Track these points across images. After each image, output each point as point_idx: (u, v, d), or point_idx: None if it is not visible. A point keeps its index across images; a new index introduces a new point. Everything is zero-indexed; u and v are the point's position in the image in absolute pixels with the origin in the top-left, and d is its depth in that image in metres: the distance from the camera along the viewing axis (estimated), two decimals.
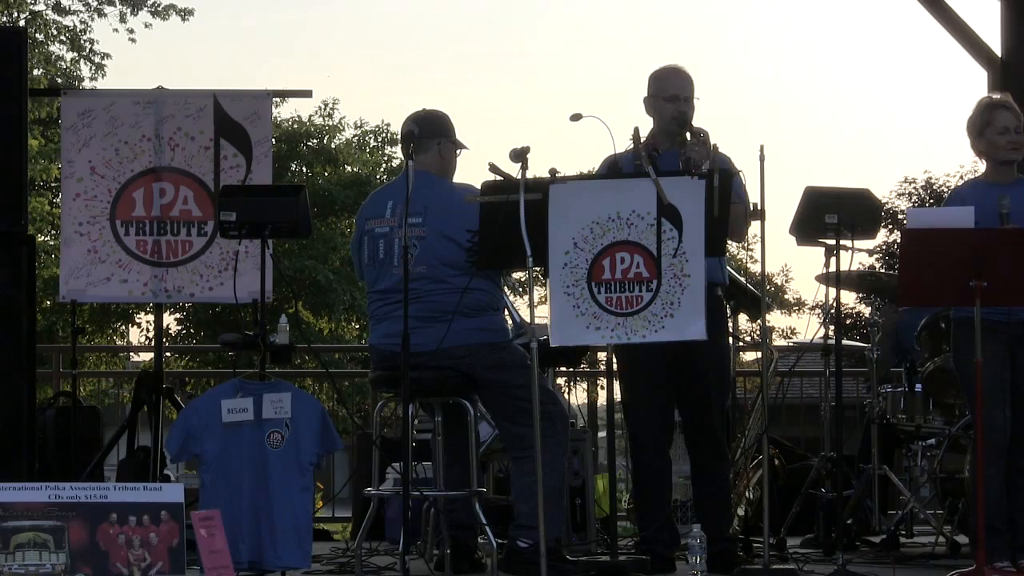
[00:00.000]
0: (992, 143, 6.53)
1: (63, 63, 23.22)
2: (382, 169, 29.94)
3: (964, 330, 6.29)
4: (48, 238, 22.92)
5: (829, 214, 6.45)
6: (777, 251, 53.35)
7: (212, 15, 51.48)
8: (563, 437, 6.38)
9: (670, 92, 6.64)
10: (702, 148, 6.35)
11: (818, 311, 8.07)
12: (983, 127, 6.54)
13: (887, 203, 30.68)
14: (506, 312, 6.74)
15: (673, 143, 6.59)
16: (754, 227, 6.58)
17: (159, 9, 22.38)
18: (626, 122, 6.38)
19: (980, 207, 6.28)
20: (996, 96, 6.70)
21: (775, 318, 40.00)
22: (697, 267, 5.93)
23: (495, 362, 6.34)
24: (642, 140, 6.31)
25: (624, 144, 6.46)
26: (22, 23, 21.50)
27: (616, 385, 6.52)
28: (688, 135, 6.50)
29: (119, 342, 27.17)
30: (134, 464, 7.81)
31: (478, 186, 6.33)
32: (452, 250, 6.32)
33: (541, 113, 56.42)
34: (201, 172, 7.84)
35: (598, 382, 11.80)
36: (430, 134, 6.47)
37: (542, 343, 5.97)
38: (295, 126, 29.89)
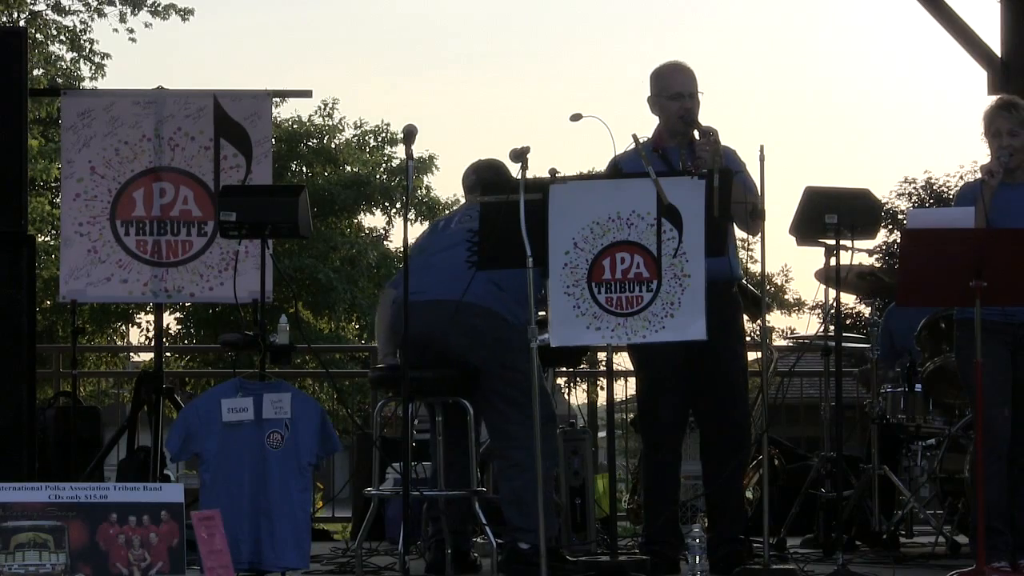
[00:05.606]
0: (989, 146, 6.56)
1: (63, 63, 23.20)
2: (382, 169, 29.88)
3: (966, 330, 6.29)
4: (48, 238, 22.89)
5: (829, 214, 6.44)
6: (777, 251, 53.31)
7: (212, 15, 51.47)
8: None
9: (673, 90, 6.59)
10: (712, 147, 6.32)
11: (818, 311, 8.06)
12: (984, 129, 6.55)
13: (887, 203, 30.69)
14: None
15: (679, 141, 6.57)
16: None
17: (159, 9, 22.38)
18: (626, 122, 6.36)
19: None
20: (1004, 98, 6.66)
21: (775, 318, 39.97)
22: (697, 267, 5.93)
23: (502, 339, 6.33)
24: (642, 141, 6.30)
25: (623, 144, 6.44)
26: (22, 23, 21.49)
27: (616, 385, 6.51)
28: (697, 134, 6.45)
29: (119, 342, 27.11)
30: (134, 464, 7.82)
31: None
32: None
33: (541, 113, 56.41)
34: (201, 172, 7.84)
35: (598, 382, 11.82)
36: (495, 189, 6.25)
37: (542, 343, 5.96)
38: (295, 126, 29.82)
